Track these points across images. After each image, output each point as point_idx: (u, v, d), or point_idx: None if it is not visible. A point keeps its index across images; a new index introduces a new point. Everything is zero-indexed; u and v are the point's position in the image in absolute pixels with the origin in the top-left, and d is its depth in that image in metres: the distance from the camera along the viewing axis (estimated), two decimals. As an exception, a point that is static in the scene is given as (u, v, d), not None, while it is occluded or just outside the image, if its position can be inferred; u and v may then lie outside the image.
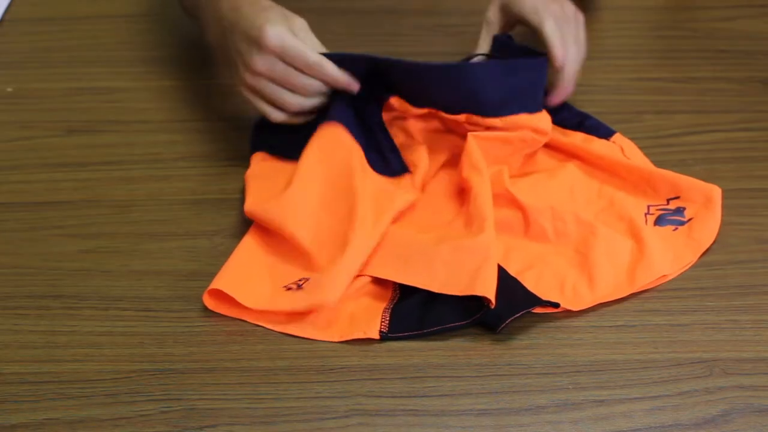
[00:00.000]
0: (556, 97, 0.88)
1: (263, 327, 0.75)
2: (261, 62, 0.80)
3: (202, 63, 1.05)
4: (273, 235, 0.81)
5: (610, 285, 0.77)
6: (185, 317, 0.76)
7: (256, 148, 0.90)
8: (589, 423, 0.68)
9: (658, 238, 0.80)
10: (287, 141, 0.86)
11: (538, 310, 0.75)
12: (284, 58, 0.80)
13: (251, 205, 0.82)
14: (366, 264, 0.77)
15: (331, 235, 0.79)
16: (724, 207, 0.84)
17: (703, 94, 0.99)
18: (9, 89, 1.02)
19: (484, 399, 0.70)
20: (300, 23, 0.82)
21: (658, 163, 0.88)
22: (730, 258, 0.81)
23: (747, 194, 0.87)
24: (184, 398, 0.70)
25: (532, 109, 0.85)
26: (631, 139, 0.92)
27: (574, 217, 0.81)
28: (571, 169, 0.87)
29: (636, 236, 0.80)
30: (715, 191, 0.83)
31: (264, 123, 0.87)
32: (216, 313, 0.76)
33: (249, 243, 0.81)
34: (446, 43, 0.85)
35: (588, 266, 0.78)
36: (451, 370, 0.72)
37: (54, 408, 0.70)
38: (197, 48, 1.07)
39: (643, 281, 0.77)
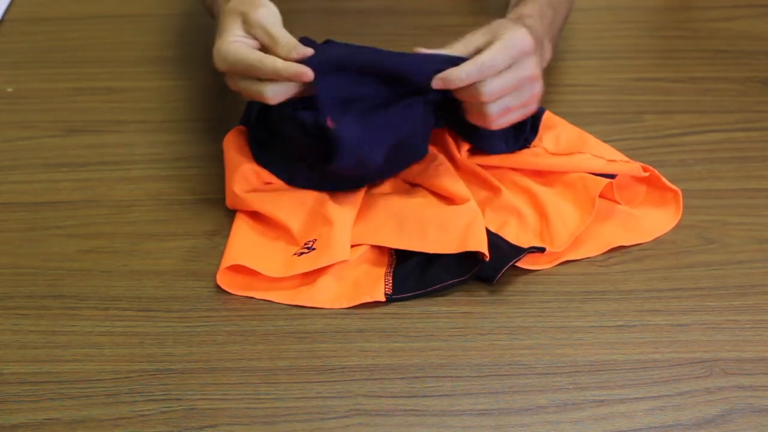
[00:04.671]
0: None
1: (263, 327, 0.75)
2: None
3: (202, 63, 1.05)
4: (261, 216, 0.83)
5: (574, 214, 0.82)
6: (185, 317, 0.76)
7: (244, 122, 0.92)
8: (590, 423, 0.68)
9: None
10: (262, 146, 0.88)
11: (531, 264, 0.79)
12: (234, 71, 0.80)
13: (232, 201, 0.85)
14: (362, 234, 0.80)
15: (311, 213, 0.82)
16: (724, 207, 0.85)
17: (703, 94, 0.99)
18: (9, 89, 1.02)
19: (484, 399, 0.70)
20: (259, 14, 0.80)
21: (658, 163, 0.88)
22: (730, 258, 0.81)
23: (747, 194, 0.87)
24: (184, 398, 0.70)
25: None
26: (631, 139, 0.92)
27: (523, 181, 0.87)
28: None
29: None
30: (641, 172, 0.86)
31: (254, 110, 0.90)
32: (216, 313, 0.76)
33: (242, 226, 0.83)
34: (446, 43, 0.85)
35: (551, 203, 0.83)
36: (451, 370, 0.72)
37: (54, 408, 0.70)
38: (197, 48, 1.07)
39: (596, 190, 0.82)
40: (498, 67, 0.78)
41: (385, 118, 0.79)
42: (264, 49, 0.80)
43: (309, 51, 0.78)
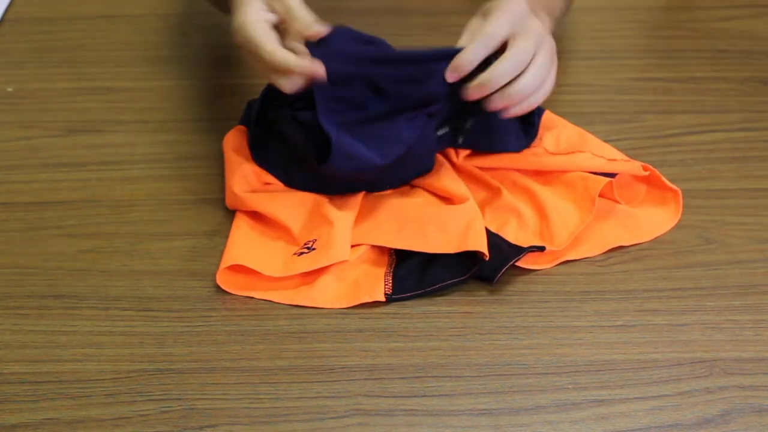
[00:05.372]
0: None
1: (263, 327, 0.75)
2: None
3: (202, 63, 1.05)
4: (261, 216, 0.83)
5: (574, 213, 0.82)
6: (185, 317, 0.76)
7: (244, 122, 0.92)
8: (589, 423, 0.68)
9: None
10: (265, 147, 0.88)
11: (531, 264, 0.79)
12: (248, 50, 0.80)
13: (232, 201, 0.85)
14: (362, 234, 0.80)
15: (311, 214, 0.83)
16: (724, 207, 0.85)
17: (703, 94, 0.99)
18: (9, 89, 1.02)
19: (483, 399, 0.70)
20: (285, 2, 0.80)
21: (658, 163, 0.88)
22: (730, 258, 0.81)
23: (747, 194, 0.87)
24: (184, 398, 0.70)
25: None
26: (631, 139, 0.92)
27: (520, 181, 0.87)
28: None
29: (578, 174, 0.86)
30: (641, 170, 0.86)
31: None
32: (216, 313, 0.76)
33: (241, 226, 0.83)
34: (446, 43, 0.85)
35: (551, 203, 0.83)
36: (451, 370, 0.72)
37: (54, 408, 0.70)
38: (197, 48, 1.07)
39: (596, 189, 0.82)
40: (499, 34, 0.78)
41: (390, 127, 0.79)
42: (282, 23, 0.80)
43: (324, 30, 0.78)
